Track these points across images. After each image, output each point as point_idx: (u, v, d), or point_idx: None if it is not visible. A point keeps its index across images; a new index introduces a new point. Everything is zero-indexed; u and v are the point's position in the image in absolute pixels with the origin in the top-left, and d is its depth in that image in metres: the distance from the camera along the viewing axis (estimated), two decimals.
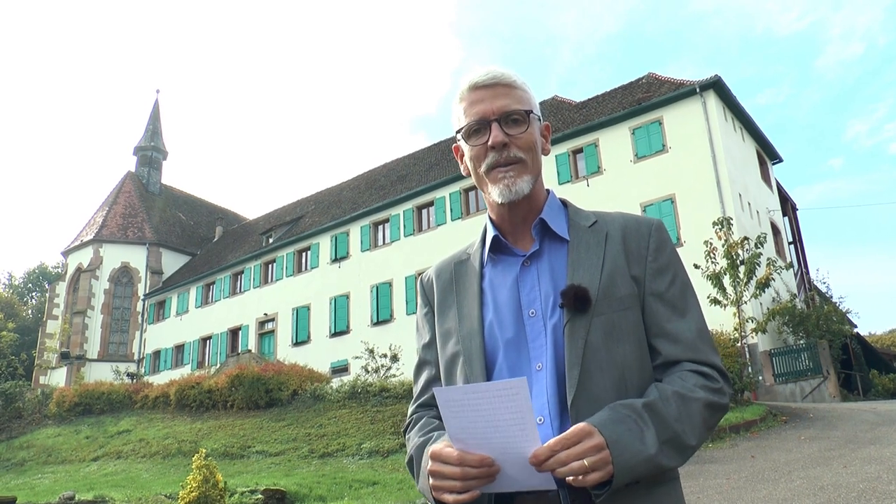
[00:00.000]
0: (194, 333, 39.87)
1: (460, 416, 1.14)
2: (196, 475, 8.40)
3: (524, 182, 1.37)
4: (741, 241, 18.42)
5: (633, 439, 1.14)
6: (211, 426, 19.62)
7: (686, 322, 1.33)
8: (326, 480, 12.06)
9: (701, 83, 24.69)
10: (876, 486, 6.99)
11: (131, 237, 45.88)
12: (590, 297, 1.28)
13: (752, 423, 12.70)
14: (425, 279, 1.56)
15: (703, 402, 1.23)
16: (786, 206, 31.45)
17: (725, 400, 1.28)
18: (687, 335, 1.31)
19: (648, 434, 1.16)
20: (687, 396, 1.23)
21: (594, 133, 27.07)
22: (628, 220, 1.42)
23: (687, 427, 1.20)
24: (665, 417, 1.19)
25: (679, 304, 1.34)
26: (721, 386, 1.28)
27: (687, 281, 1.39)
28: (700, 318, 1.36)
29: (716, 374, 1.29)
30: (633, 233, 1.38)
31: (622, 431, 1.14)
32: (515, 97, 1.39)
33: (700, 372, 1.28)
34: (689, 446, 1.21)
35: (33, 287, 61.90)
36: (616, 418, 1.16)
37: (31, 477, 18.01)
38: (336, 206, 37.73)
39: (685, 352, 1.30)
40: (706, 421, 1.24)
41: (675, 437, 1.19)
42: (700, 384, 1.26)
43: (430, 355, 1.50)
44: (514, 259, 1.40)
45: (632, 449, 1.13)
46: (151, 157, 52.04)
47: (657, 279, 1.35)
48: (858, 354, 25.66)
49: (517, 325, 1.33)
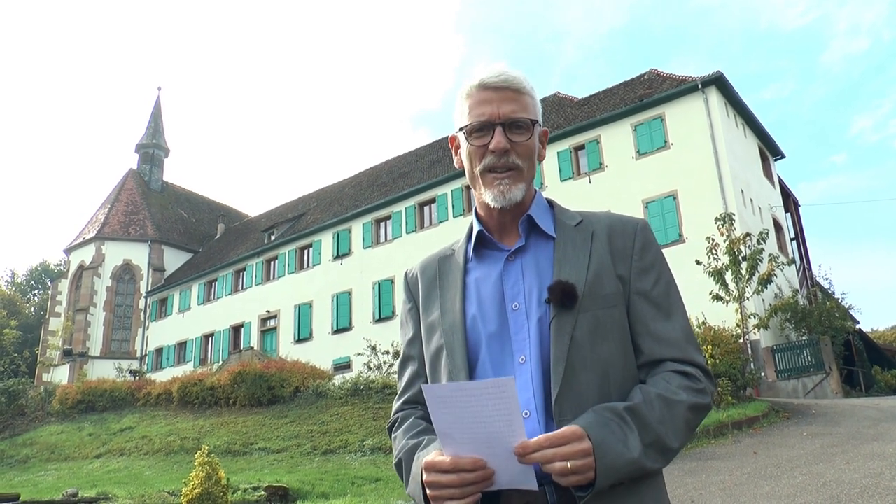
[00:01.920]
0: (196, 331, 39.91)
1: (447, 412, 1.14)
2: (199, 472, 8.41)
3: (518, 190, 1.38)
4: (743, 238, 18.39)
5: (617, 443, 1.15)
6: (213, 423, 19.66)
7: (671, 322, 1.34)
8: (329, 477, 12.08)
9: (703, 79, 24.64)
10: (879, 482, 6.99)
11: (133, 234, 45.91)
12: (577, 293, 1.29)
13: (754, 419, 12.69)
14: (410, 275, 1.57)
15: (685, 404, 1.25)
16: (788, 203, 31.40)
17: (708, 400, 1.30)
18: (671, 334, 1.33)
19: (632, 438, 1.17)
20: (670, 399, 1.24)
21: (596, 129, 27.04)
22: (614, 219, 1.43)
23: (670, 430, 1.22)
24: (648, 421, 1.20)
25: (664, 304, 1.35)
26: (704, 386, 1.29)
27: (671, 281, 1.39)
28: (684, 317, 1.37)
29: (699, 373, 1.31)
30: (618, 232, 1.39)
31: (606, 435, 1.15)
32: (522, 104, 1.39)
33: (683, 372, 1.29)
34: (671, 448, 1.22)
35: (36, 284, 61.95)
36: (601, 421, 1.17)
37: (35, 474, 18.06)
38: (338, 203, 37.72)
39: (669, 351, 1.31)
40: (689, 422, 1.26)
41: (658, 440, 1.20)
42: (683, 385, 1.27)
43: (414, 350, 1.50)
44: (499, 254, 1.41)
45: (615, 453, 1.14)
46: (153, 155, 52.06)
47: (642, 278, 1.36)
48: (861, 351, 25.65)
49: (500, 318, 1.33)
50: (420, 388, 1.47)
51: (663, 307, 1.35)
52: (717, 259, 18.06)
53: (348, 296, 33.06)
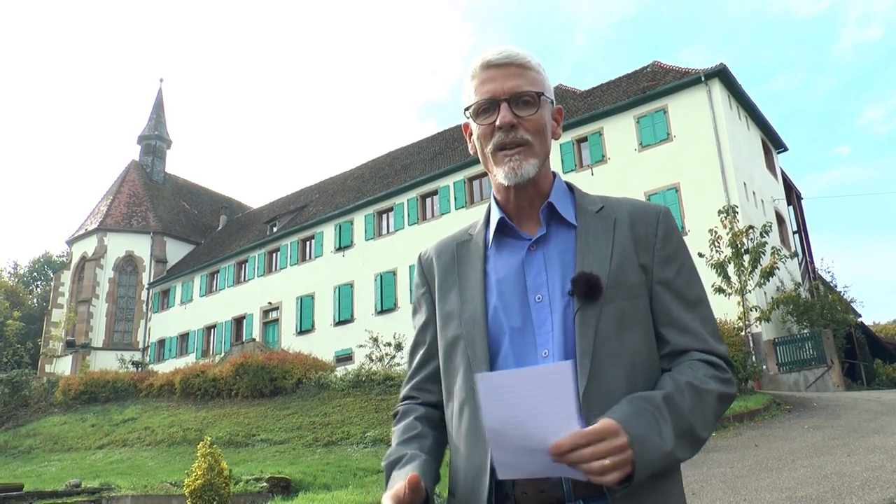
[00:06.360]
0: (199, 322, 40.00)
1: (501, 404, 1.06)
2: (201, 463, 8.45)
3: (530, 165, 1.33)
4: (746, 230, 18.37)
5: (654, 435, 1.12)
6: (216, 414, 19.71)
7: (694, 312, 1.32)
8: (331, 469, 12.12)
9: (706, 72, 24.57)
10: (880, 474, 7.00)
11: (135, 226, 45.96)
12: (601, 285, 1.26)
13: (755, 412, 12.70)
14: (424, 257, 1.52)
15: (715, 393, 1.22)
16: (790, 195, 31.35)
17: (734, 390, 1.28)
18: (695, 324, 1.30)
19: (666, 429, 1.14)
20: (700, 388, 1.21)
21: (599, 122, 26.99)
22: (636, 206, 1.40)
23: (699, 419, 1.19)
24: (681, 410, 1.17)
25: (687, 293, 1.32)
26: (729, 376, 1.28)
27: (694, 269, 1.37)
28: (707, 307, 1.35)
29: (723, 363, 1.28)
30: (641, 220, 1.36)
31: (643, 427, 1.11)
32: (528, 78, 1.35)
33: (709, 362, 1.27)
34: (701, 438, 1.20)
35: (38, 276, 62.07)
36: (636, 412, 1.13)
37: (38, 464, 18.12)
38: (340, 195, 37.72)
39: (694, 341, 1.29)
40: (717, 412, 1.23)
41: (690, 429, 1.17)
42: (711, 374, 1.24)
43: (426, 336, 1.47)
44: (520, 243, 1.36)
45: (652, 446, 1.10)
46: (155, 146, 52.04)
47: (665, 267, 1.33)
48: (862, 344, 25.63)
49: (523, 310, 1.30)
50: (428, 374, 1.47)
51: (686, 297, 1.32)
52: (720, 252, 18.04)
53: (350, 288, 33.09)
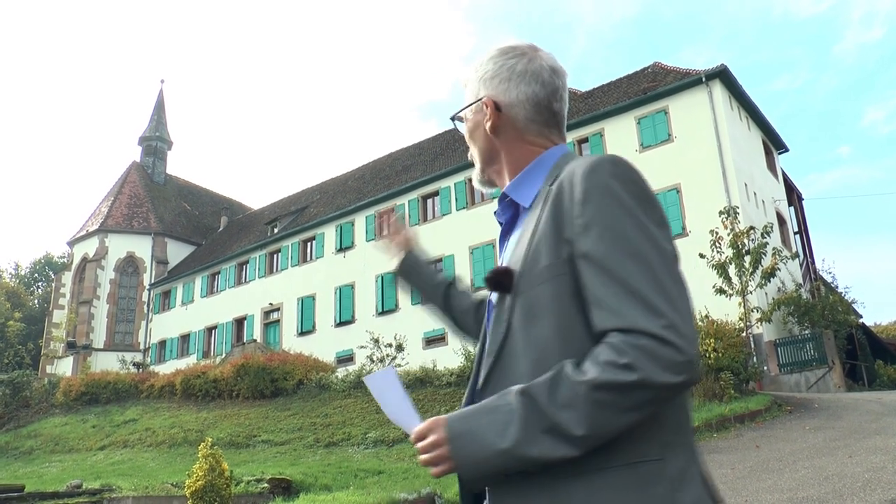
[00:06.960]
0: (200, 323, 40.00)
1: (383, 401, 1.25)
2: (202, 464, 8.46)
3: (477, 182, 1.44)
4: (747, 231, 18.37)
5: (488, 432, 1.06)
6: (216, 415, 19.73)
7: (613, 284, 1.06)
8: (332, 469, 12.13)
9: (707, 72, 24.57)
10: (881, 475, 6.99)
11: (136, 227, 45.99)
12: (510, 278, 1.18)
13: (756, 412, 12.69)
14: None
15: (589, 384, 1.01)
16: (791, 196, 31.34)
17: (631, 376, 1.00)
18: (615, 299, 1.05)
19: (513, 425, 1.04)
20: (571, 379, 1.03)
21: (599, 123, 27.00)
22: (573, 167, 1.19)
23: (570, 414, 1.02)
24: (539, 405, 1.04)
25: (610, 262, 1.07)
26: (629, 360, 1.00)
27: (623, 231, 1.08)
28: (635, 272, 1.06)
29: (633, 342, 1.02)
30: (566, 185, 1.16)
31: (476, 423, 1.07)
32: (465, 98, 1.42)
33: (613, 345, 1.03)
34: (573, 435, 1.02)
35: (39, 277, 62.16)
36: (476, 409, 1.10)
37: (39, 465, 18.15)
38: (341, 196, 37.74)
39: (609, 319, 1.05)
40: (601, 404, 1.01)
41: (555, 426, 1.03)
42: (601, 361, 1.03)
43: None
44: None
45: (481, 443, 1.06)
46: (156, 147, 52.07)
47: (583, 237, 1.10)
48: (864, 344, 25.58)
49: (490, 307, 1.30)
50: None
51: (609, 266, 1.07)
52: (721, 253, 18.04)
53: (351, 289, 33.09)
